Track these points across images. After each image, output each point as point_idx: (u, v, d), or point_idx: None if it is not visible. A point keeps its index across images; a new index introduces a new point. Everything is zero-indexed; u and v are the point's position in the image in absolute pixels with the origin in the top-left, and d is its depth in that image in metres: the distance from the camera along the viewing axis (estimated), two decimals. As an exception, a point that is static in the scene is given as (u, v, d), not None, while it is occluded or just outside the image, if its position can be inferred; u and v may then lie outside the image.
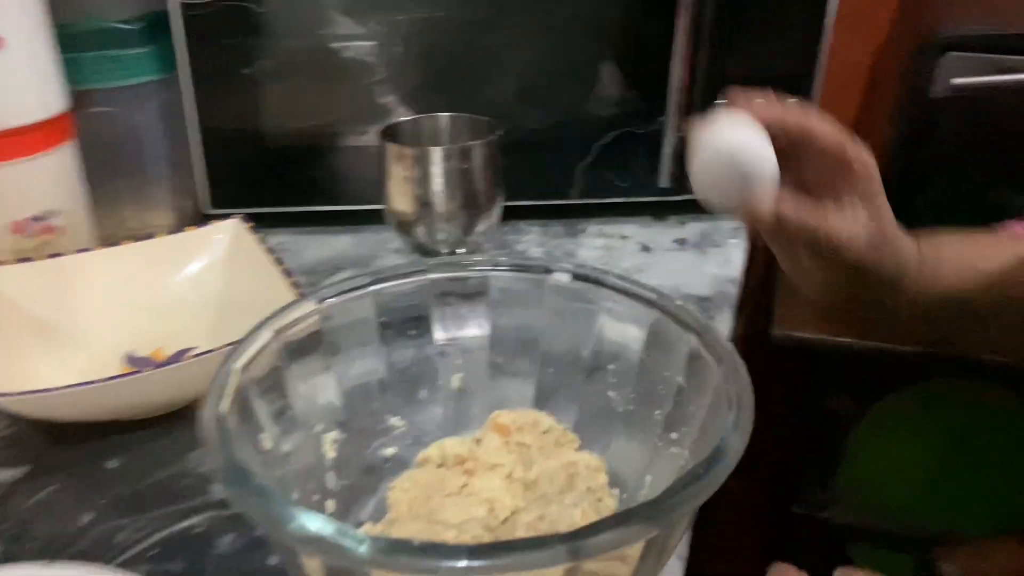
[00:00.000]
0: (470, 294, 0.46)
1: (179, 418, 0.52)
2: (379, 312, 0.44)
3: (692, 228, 0.79)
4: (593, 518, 0.36)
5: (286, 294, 0.56)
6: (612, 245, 0.76)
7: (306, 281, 0.65)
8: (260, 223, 0.64)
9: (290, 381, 0.40)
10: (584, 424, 0.44)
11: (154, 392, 0.50)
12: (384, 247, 0.78)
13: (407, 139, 0.62)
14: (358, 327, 0.44)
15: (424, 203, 0.59)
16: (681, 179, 0.77)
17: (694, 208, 0.80)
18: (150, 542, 0.43)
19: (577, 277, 0.44)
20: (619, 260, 0.74)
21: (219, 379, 0.36)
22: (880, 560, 0.89)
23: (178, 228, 0.64)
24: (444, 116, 0.63)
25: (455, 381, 0.47)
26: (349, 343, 0.44)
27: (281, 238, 0.78)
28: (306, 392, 0.42)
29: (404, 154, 0.58)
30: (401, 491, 0.41)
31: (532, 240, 0.78)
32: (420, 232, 0.60)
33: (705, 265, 0.73)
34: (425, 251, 0.62)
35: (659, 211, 0.81)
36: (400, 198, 0.59)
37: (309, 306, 0.42)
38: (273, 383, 0.39)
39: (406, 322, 0.46)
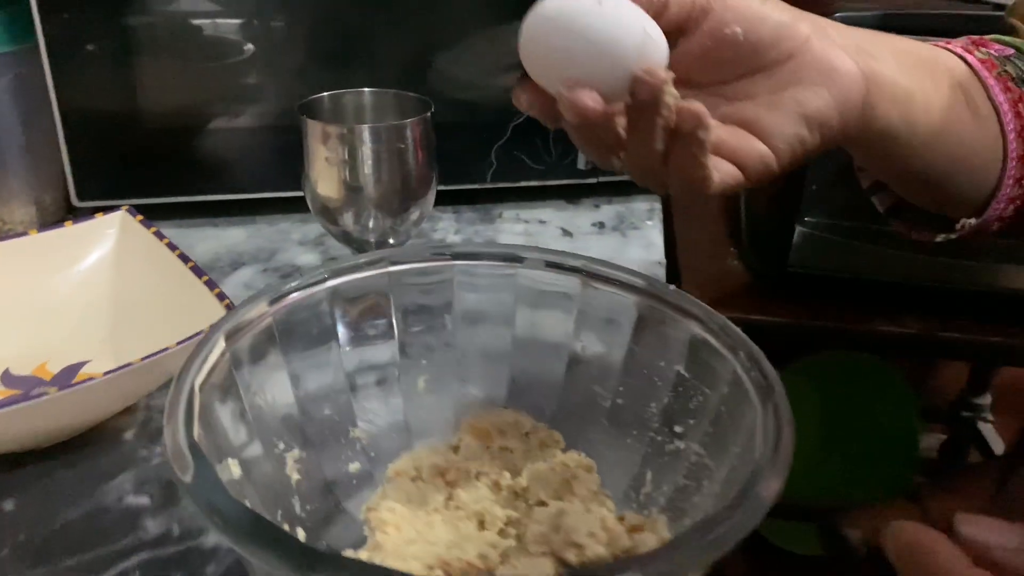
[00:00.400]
0: (432, 286, 0.42)
1: (78, 446, 0.45)
2: (336, 310, 0.39)
3: (608, 211, 0.78)
4: (614, 525, 0.34)
5: (195, 294, 0.49)
6: (532, 231, 0.74)
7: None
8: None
9: (246, 393, 0.35)
10: (566, 422, 0.41)
11: (54, 418, 0.42)
12: (285, 239, 0.71)
13: (327, 116, 0.56)
14: (313, 327, 0.39)
15: (352, 188, 0.53)
16: (597, 161, 0.75)
17: (609, 191, 0.80)
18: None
19: (551, 265, 0.41)
20: (543, 245, 0.71)
21: (179, 399, 0.30)
22: (787, 531, 0.92)
23: (44, 224, 0.55)
24: (368, 92, 0.58)
25: (420, 383, 0.42)
26: (303, 346, 0.38)
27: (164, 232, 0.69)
28: (264, 404, 0.36)
29: (329, 133, 0.52)
30: (387, 512, 0.36)
31: (447, 227, 0.74)
32: (347, 220, 0.55)
33: (629, 248, 0.72)
34: (352, 241, 0.56)
35: (574, 194, 0.79)
36: (325, 183, 0.54)
37: (260, 307, 0.36)
38: (233, 397, 0.34)
39: (364, 320, 0.41)
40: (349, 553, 0.36)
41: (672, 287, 0.38)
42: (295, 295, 0.37)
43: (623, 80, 0.32)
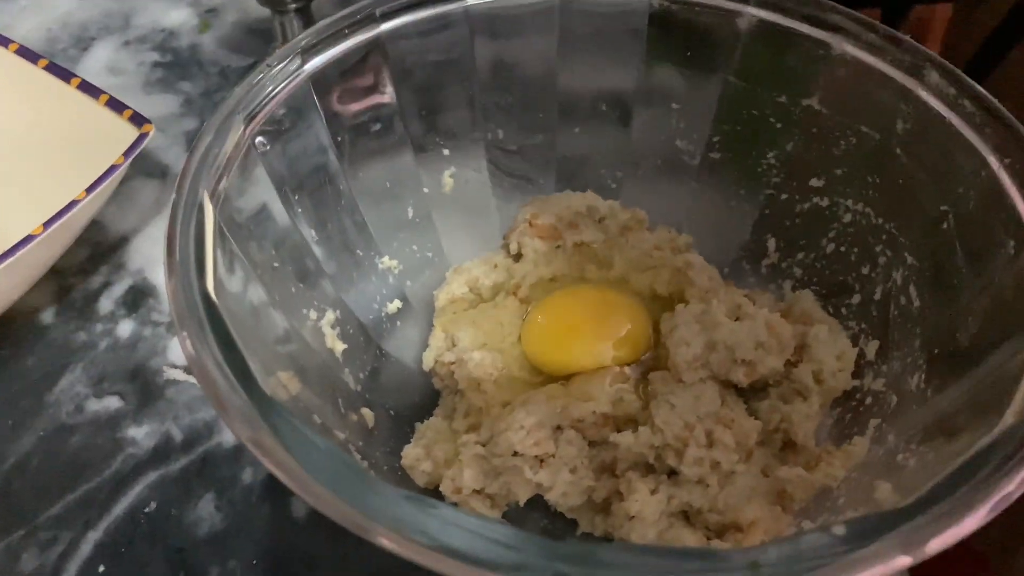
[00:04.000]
0: (442, 41, 0.29)
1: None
2: (320, 102, 0.27)
3: None
4: (779, 325, 0.26)
5: (58, 96, 0.34)
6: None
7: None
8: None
9: (255, 263, 0.23)
10: (643, 197, 0.32)
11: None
12: (132, -7, 0.53)
13: None
14: (301, 138, 0.26)
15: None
16: None
17: None
18: (84, 555, 0.27)
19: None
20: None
21: (197, 327, 0.18)
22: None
23: None
24: None
25: (447, 181, 0.32)
26: (296, 168, 0.26)
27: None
28: (277, 263, 0.25)
29: None
30: (474, 366, 0.27)
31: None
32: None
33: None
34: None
35: None
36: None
37: (235, 132, 0.23)
38: (248, 279, 0.22)
39: (359, 110, 0.28)
40: (435, 425, 0.27)
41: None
42: (269, 102, 0.24)
43: None
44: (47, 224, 0.28)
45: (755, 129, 0.30)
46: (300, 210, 0.27)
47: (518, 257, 0.31)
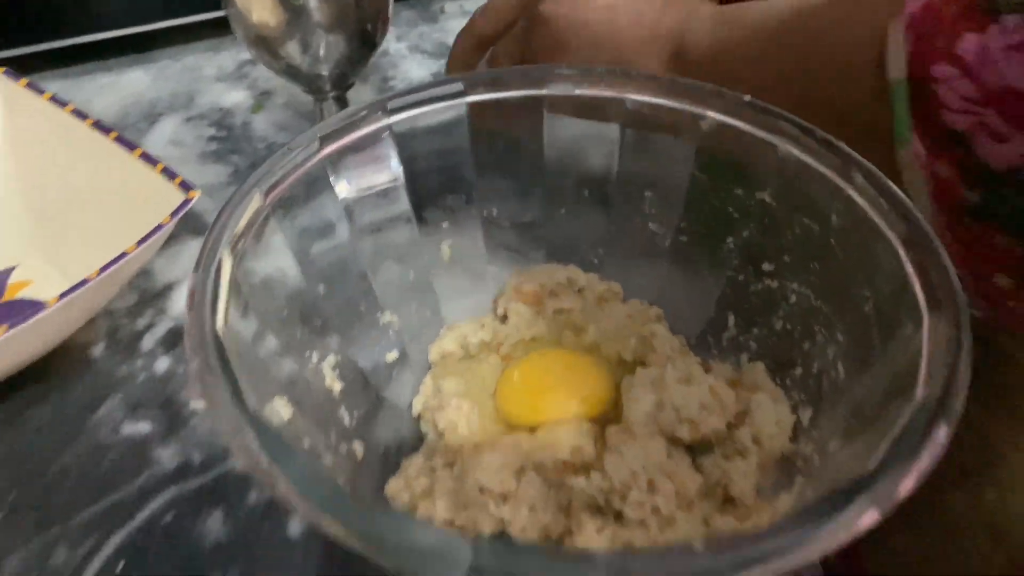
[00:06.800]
0: (445, 129, 0.34)
1: (40, 376, 0.37)
2: (334, 179, 0.32)
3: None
4: (724, 391, 0.30)
5: (120, 164, 0.40)
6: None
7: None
8: None
9: (260, 310, 0.28)
10: (620, 272, 0.36)
11: (8, 356, 0.34)
12: (198, 76, 0.60)
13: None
14: (313, 205, 0.31)
15: (294, 8, 0.43)
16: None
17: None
18: (106, 554, 0.31)
19: (583, 84, 0.34)
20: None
21: (210, 354, 0.23)
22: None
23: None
24: None
25: (445, 250, 0.36)
26: (308, 231, 0.31)
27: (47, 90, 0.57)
28: (286, 308, 0.30)
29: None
30: (453, 411, 0.31)
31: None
32: (292, 50, 0.45)
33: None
34: (300, 77, 0.47)
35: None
36: (259, 3, 0.43)
37: (254, 202, 0.28)
38: (258, 317, 0.27)
39: (368, 187, 0.33)
40: (417, 462, 0.31)
41: (748, 97, 0.32)
42: (288, 178, 0.29)
43: None
44: (101, 270, 0.33)
45: (717, 217, 0.34)
46: (311, 271, 0.31)
47: (504, 319, 0.35)
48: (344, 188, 0.32)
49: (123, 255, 0.34)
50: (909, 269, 0.26)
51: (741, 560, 0.18)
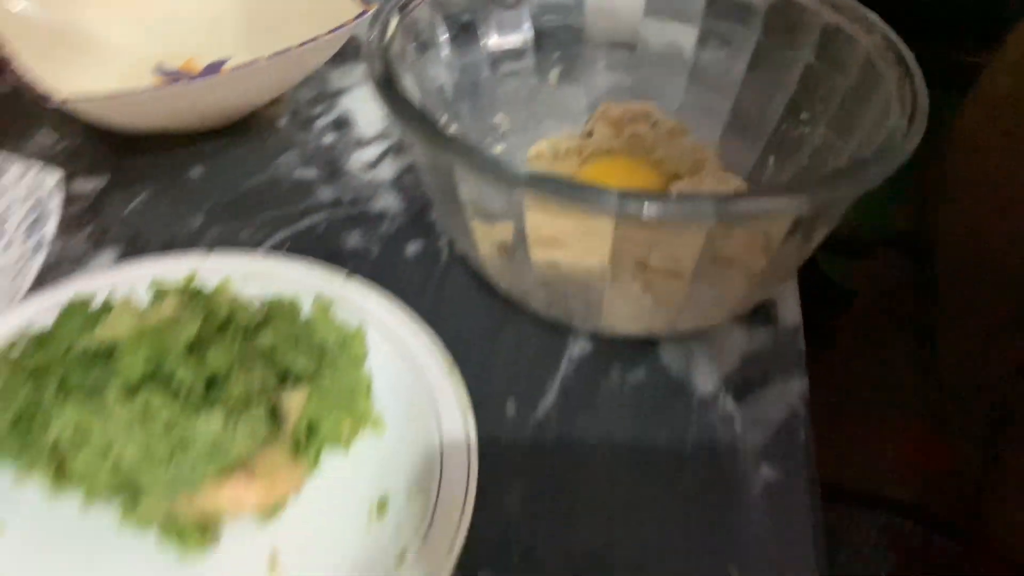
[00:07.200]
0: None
1: (241, 131, 0.50)
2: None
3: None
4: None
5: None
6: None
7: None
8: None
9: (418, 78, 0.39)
10: (690, 115, 0.46)
11: (214, 99, 0.46)
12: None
13: None
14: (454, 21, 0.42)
15: None
16: None
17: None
18: (277, 238, 0.43)
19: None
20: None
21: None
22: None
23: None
24: None
25: (553, 75, 0.46)
26: (448, 36, 0.42)
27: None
28: (430, 86, 0.40)
29: None
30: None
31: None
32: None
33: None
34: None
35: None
36: None
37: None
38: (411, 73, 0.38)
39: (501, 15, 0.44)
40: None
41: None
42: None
43: None
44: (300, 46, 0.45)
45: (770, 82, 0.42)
46: (455, 65, 0.42)
47: (590, 135, 0.45)
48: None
49: (316, 38, 0.46)
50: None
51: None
